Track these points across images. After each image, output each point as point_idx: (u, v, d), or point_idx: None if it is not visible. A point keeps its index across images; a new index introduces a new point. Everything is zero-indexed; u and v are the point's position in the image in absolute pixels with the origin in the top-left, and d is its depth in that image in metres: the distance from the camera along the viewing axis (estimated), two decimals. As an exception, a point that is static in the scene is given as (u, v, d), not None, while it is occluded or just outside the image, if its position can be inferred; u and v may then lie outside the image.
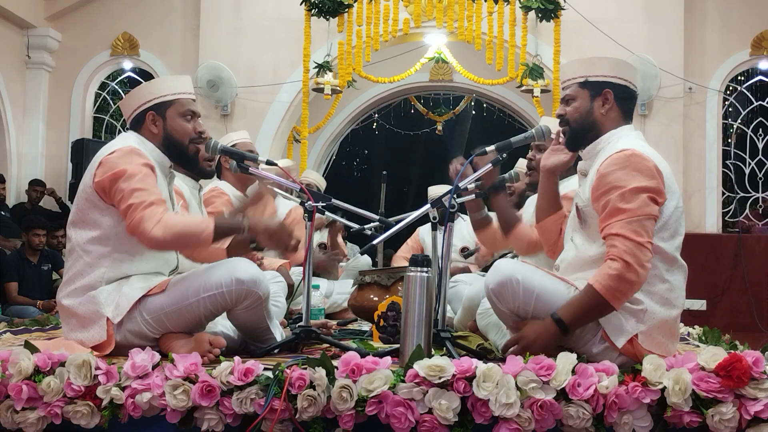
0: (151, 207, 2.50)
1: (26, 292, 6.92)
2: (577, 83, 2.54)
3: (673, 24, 8.20)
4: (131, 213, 2.49)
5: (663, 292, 2.35)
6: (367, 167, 17.73)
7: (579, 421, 2.11)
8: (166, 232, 2.49)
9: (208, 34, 8.52)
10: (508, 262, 2.45)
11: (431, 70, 9.78)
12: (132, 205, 2.49)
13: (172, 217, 2.55)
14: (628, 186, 2.31)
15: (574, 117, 2.55)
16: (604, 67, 2.52)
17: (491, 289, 2.39)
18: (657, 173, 2.35)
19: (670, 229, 2.37)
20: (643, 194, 2.30)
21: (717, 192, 8.44)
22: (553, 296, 2.36)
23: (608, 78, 2.51)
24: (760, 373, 2.13)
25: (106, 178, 2.54)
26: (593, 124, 2.52)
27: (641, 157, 2.34)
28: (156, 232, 2.48)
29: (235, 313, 2.60)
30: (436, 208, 2.70)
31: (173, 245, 2.64)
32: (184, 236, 2.54)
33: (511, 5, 7.62)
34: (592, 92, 2.52)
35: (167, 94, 2.73)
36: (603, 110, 2.51)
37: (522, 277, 2.35)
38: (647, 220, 2.29)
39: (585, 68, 2.54)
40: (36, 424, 2.17)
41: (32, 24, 8.69)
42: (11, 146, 8.70)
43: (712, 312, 7.30)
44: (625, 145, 2.39)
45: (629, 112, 2.56)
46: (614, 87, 2.51)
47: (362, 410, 2.09)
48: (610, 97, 2.50)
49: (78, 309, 2.55)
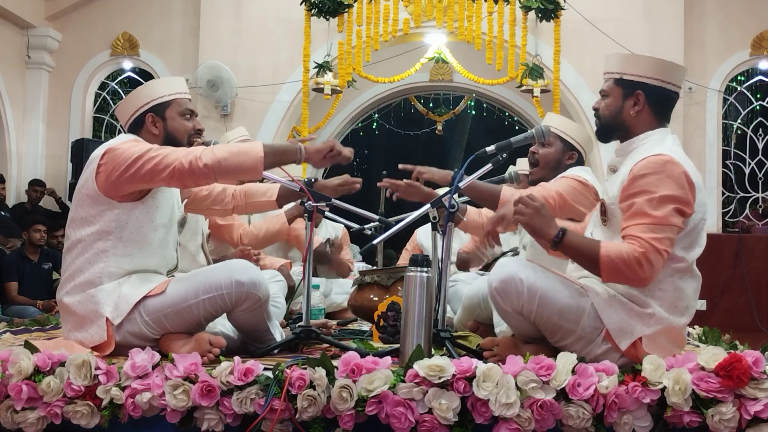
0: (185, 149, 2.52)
1: (26, 291, 6.92)
2: (614, 79, 2.50)
3: (673, 24, 8.21)
4: (172, 158, 2.48)
5: (673, 300, 2.34)
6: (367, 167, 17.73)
7: (579, 421, 2.11)
8: (217, 151, 2.48)
9: (208, 34, 8.52)
10: (512, 261, 2.43)
11: (431, 70, 9.78)
12: (167, 154, 2.49)
13: (215, 146, 2.55)
14: (659, 193, 2.27)
15: (605, 114, 2.52)
16: (641, 67, 2.46)
17: (495, 288, 2.36)
18: (689, 184, 2.31)
19: (690, 239, 2.36)
20: (672, 204, 2.27)
21: (717, 192, 8.44)
22: (558, 295, 2.34)
23: (643, 78, 2.45)
24: (760, 373, 2.13)
25: (118, 163, 2.50)
26: (622, 124, 2.49)
27: (677, 166, 2.30)
28: (206, 158, 2.47)
29: (235, 315, 2.60)
30: (436, 208, 2.70)
31: (229, 165, 2.50)
32: (236, 155, 2.50)
33: (511, 5, 7.62)
34: (625, 91, 2.47)
35: (165, 95, 2.73)
36: (633, 111, 2.46)
37: (525, 276, 2.33)
38: (670, 230, 2.27)
39: (623, 65, 2.49)
40: (36, 424, 2.17)
41: (32, 24, 8.69)
42: (11, 146, 8.70)
43: (712, 312, 7.29)
44: (663, 150, 2.34)
45: (664, 114, 2.49)
46: (647, 88, 2.45)
47: (362, 410, 2.09)
48: (642, 98, 2.45)
49: (77, 308, 2.55)
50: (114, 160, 2.52)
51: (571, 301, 2.34)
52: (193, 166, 2.47)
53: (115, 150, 2.54)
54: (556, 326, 2.34)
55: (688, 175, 2.32)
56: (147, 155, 2.49)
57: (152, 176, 2.50)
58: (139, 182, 2.53)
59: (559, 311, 2.33)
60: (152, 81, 2.88)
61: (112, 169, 2.52)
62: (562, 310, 2.33)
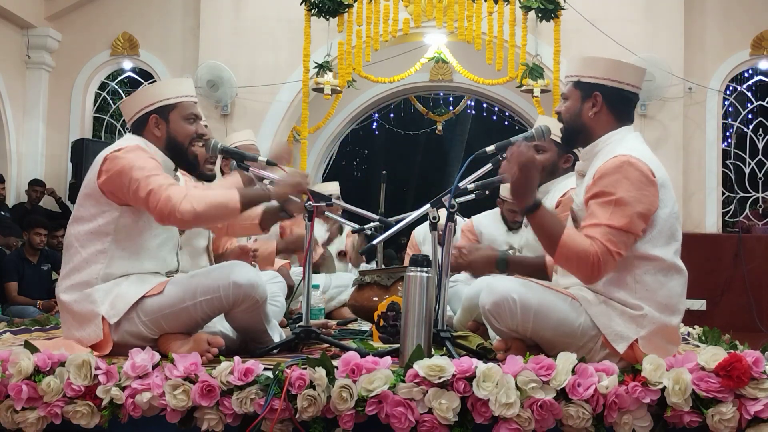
0: (172, 187, 2.51)
1: (26, 291, 6.92)
2: (572, 82, 2.53)
3: (673, 24, 8.21)
4: (154, 196, 2.49)
5: (662, 299, 2.33)
6: (367, 167, 17.74)
7: (579, 421, 2.10)
8: (195, 204, 2.49)
9: (208, 34, 8.53)
10: (503, 280, 2.41)
11: (431, 70, 9.78)
12: (153, 189, 2.49)
13: (197, 192, 2.56)
14: (616, 195, 2.28)
15: (566, 117, 2.54)
16: (597, 69, 2.48)
17: (488, 310, 2.36)
18: (649, 182, 2.31)
19: (664, 236, 2.35)
20: (628, 206, 2.27)
21: (717, 192, 8.44)
22: (552, 311, 2.33)
23: (599, 80, 2.46)
24: (760, 373, 2.13)
25: (115, 173, 2.53)
26: (582, 126, 2.50)
27: (634, 166, 2.30)
28: (185, 206, 2.47)
29: (233, 316, 2.60)
30: (437, 208, 2.70)
31: (205, 218, 2.57)
32: (214, 207, 2.53)
33: (511, 5, 7.62)
34: (583, 93, 2.49)
35: (170, 98, 2.72)
36: (591, 113, 2.47)
37: (518, 296, 2.32)
38: (626, 234, 2.27)
39: (580, 67, 2.52)
40: (36, 424, 2.17)
41: (32, 24, 8.69)
42: (11, 146, 8.70)
43: (712, 312, 7.29)
44: (623, 150, 2.35)
45: (624, 114, 2.50)
46: (604, 89, 2.46)
47: (362, 410, 2.09)
48: (599, 99, 2.46)
49: (74, 306, 2.55)
50: (113, 170, 2.54)
51: (565, 314, 2.34)
52: (171, 214, 2.49)
53: (117, 159, 2.55)
54: (554, 342, 2.35)
55: (648, 174, 2.31)
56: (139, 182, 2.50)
57: (135, 201, 2.54)
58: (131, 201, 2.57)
59: (555, 326, 2.33)
60: (160, 81, 2.90)
61: (110, 179, 2.55)
62: (558, 324, 2.33)
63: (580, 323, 2.33)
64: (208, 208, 2.51)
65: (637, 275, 2.33)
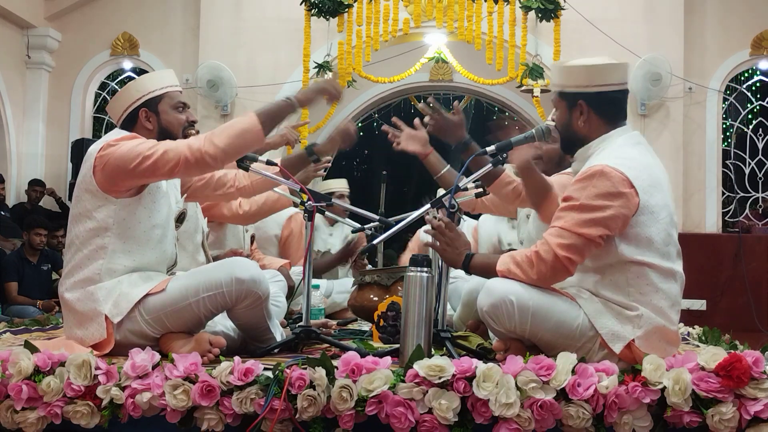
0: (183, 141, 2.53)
1: (26, 291, 6.92)
2: (557, 93, 2.52)
3: (673, 24, 8.21)
4: (173, 153, 2.49)
5: (657, 302, 2.32)
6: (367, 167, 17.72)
7: (579, 421, 2.11)
8: (217, 141, 2.50)
9: (208, 34, 8.53)
10: (501, 282, 2.40)
11: (431, 70, 9.78)
12: (167, 149, 2.50)
13: (213, 131, 2.56)
14: (578, 201, 2.29)
15: (559, 127, 2.55)
16: (578, 77, 2.45)
17: (486, 312, 2.36)
18: (618, 193, 2.27)
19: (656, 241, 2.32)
20: (585, 213, 2.27)
21: (717, 192, 8.44)
22: (550, 312, 2.33)
23: (580, 88, 2.44)
24: (760, 373, 2.13)
25: (114, 159, 2.50)
26: (575, 135, 2.49)
27: (607, 176, 2.28)
28: (209, 147, 2.49)
29: (236, 312, 2.60)
30: (437, 208, 2.70)
31: (233, 149, 2.55)
32: (236, 136, 2.53)
33: (511, 5, 7.62)
34: (568, 103, 2.48)
35: (156, 89, 2.73)
36: (581, 121, 2.45)
37: (516, 298, 2.31)
38: (577, 237, 2.27)
39: (560, 78, 2.50)
40: (36, 424, 2.17)
41: (32, 24, 8.69)
42: (11, 146, 8.71)
43: (712, 312, 7.28)
44: (604, 159, 2.34)
45: (614, 115, 2.47)
46: (587, 96, 2.44)
47: (362, 410, 2.09)
48: (585, 107, 2.44)
49: (77, 305, 2.55)
50: (112, 156, 2.51)
51: (563, 315, 2.33)
52: (198, 159, 2.50)
53: (113, 146, 2.54)
54: (552, 342, 2.34)
55: (620, 184, 2.27)
56: (147, 151, 2.49)
57: (153, 171, 2.51)
58: (139, 178, 2.54)
59: (553, 327, 2.33)
60: (142, 76, 2.89)
61: (110, 164, 2.52)
62: (556, 325, 2.32)
63: (578, 324, 2.33)
64: (231, 139, 2.52)
65: (630, 279, 2.32)
